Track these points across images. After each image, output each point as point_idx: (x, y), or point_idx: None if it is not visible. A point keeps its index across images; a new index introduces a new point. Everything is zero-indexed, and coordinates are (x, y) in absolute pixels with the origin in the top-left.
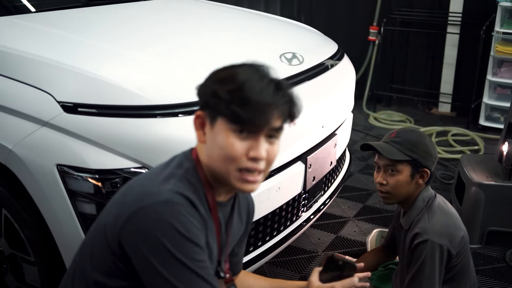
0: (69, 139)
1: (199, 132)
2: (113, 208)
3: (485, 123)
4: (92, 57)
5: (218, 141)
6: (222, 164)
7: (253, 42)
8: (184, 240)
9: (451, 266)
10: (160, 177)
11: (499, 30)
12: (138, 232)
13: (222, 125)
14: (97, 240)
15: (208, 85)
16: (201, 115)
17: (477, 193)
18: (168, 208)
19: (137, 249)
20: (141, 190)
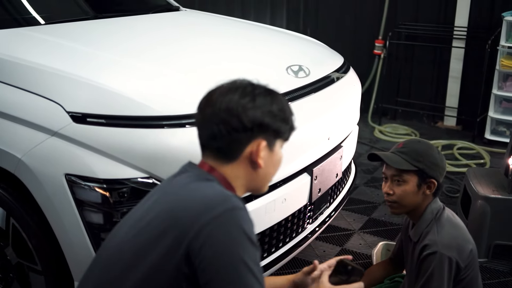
0: (77, 149)
1: (260, 159)
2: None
3: (491, 137)
4: (101, 68)
5: (276, 158)
6: (274, 175)
7: (260, 55)
8: (250, 245)
9: (459, 279)
10: (206, 186)
11: (504, 44)
12: (212, 241)
13: (278, 145)
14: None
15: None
16: (264, 144)
17: (483, 207)
18: (237, 214)
19: (210, 258)
20: (201, 200)
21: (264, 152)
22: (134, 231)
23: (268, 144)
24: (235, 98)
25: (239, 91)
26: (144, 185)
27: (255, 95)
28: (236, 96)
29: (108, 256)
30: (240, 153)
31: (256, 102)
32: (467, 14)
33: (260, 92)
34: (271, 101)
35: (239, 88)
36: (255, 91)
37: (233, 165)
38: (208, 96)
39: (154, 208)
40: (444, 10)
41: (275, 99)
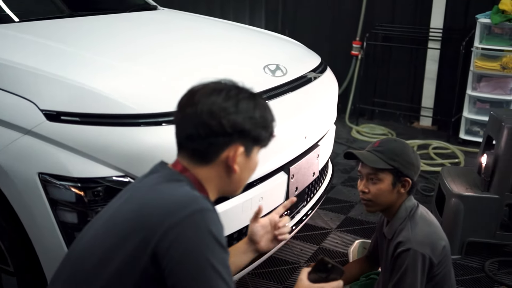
0: (51, 147)
1: (236, 165)
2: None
3: (465, 136)
4: (76, 66)
5: (252, 164)
6: (247, 180)
7: (237, 54)
8: (219, 248)
9: (432, 275)
10: (175, 187)
11: (478, 46)
12: (178, 243)
13: (255, 151)
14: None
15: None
16: (241, 149)
17: (457, 205)
18: (205, 216)
19: (176, 259)
20: (169, 201)
21: (240, 158)
22: (103, 231)
23: (245, 150)
24: (218, 101)
25: (223, 93)
26: (120, 184)
27: (239, 100)
28: (220, 99)
29: (77, 257)
30: (216, 157)
31: (239, 107)
32: (442, 16)
33: (244, 97)
34: (254, 107)
35: (223, 90)
36: (239, 95)
37: (208, 168)
38: (190, 95)
39: (122, 208)
40: (420, 11)
41: (258, 105)
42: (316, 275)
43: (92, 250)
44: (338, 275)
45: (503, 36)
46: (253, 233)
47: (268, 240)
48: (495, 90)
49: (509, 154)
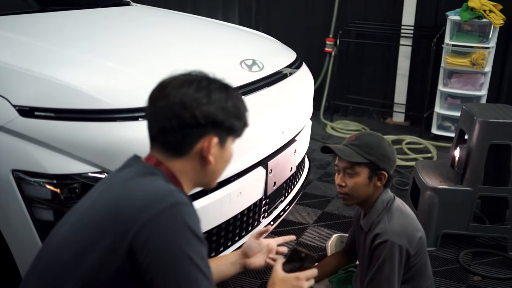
0: (25, 143)
1: (210, 156)
2: (104, 228)
3: (437, 131)
4: (48, 61)
5: (227, 155)
6: (223, 171)
7: (214, 49)
8: (196, 240)
9: (409, 266)
10: (148, 181)
11: (448, 42)
12: (155, 238)
13: (230, 142)
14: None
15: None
16: (215, 140)
17: (431, 197)
18: (180, 209)
19: (153, 254)
20: (143, 196)
21: (215, 149)
22: (78, 225)
23: (219, 140)
24: (189, 92)
25: (194, 84)
26: (96, 180)
27: (210, 90)
28: (191, 90)
29: (51, 251)
30: (190, 149)
31: (211, 98)
32: (413, 13)
33: (216, 87)
34: (226, 97)
35: (194, 81)
36: (210, 85)
37: (182, 160)
38: (161, 88)
39: (96, 204)
40: (391, 9)
41: (230, 95)
42: (291, 265)
43: (67, 244)
44: (312, 264)
45: (472, 33)
46: (250, 247)
47: (260, 260)
48: (466, 86)
49: (481, 147)
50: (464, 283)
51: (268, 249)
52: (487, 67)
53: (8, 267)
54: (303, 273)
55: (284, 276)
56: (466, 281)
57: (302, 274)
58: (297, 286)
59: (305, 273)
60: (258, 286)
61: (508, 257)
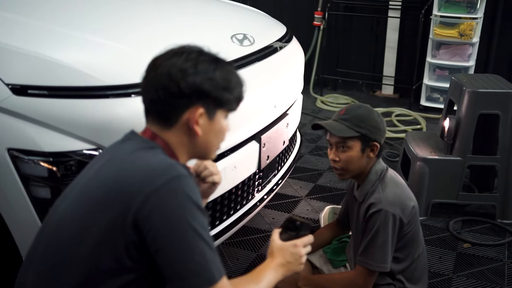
0: (20, 122)
1: (198, 127)
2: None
3: (426, 103)
4: (40, 38)
5: (217, 128)
6: (217, 144)
7: (205, 24)
8: (197, 210)
9: (402, 235)
10: (150, 155)
11: (437, 14)
12: (159, 210)
13: (220, 115)
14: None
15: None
16: (201, 111)
17: (421, 168)
18: (182, 181)
19: (157, 226)
20: (146, 169)
21: (202, 120)
22: (78, 203)
23: (207, 112)
24: (178, 63)
25: (184, 56)
26: (91, 157)
27: (198, 61)
28: (179, 61)
29: (54, 226)
30: (177, 119)
31: (197, 68)
32: None
33: (205, 59)
34: (214, 69)
35: (185, 53)
36: (199, 57)
37: (173, 131)
38: (154, 61)
39: (96, 179)
40: None
41: (220, 67)
42: (287, 234)
43: (70, 218)
44: (308, 231)
45: (460, 3)
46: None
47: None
48: (454, 57)
49: (470, 117)
50: (455, 250)
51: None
52: (475, 37)
53: (7, 246)
54: (300, 240)
55: (282, 244)
56: (456, 248)
57: (299, 241)
58: (295, 253)
59: (302, 240)
60: (253, 258)
61: (496, 224)
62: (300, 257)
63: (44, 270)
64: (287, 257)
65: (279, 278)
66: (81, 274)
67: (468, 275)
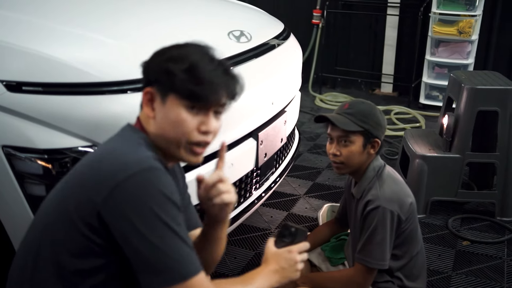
0: (14, 119)
1: (148, 108)
2: (84, 185)
3: (425, 101)
4: (35, 34)
5: (171, 116)
6: (174, 138)
7: (201, 20)
8: (169, 204)
9: (400, 232)
10: (129, 147)
11: (436, 11)
12: (125, 200)
13: (174, 102)
14: (62, 223)
15: (160, 63)
16: (150, 91)
17: (420, 165)
18: (153, 174)
19: (123, 217)
20: (119, 160)
21: (157, 104)
22: (58, 191)
23: (160, 94)
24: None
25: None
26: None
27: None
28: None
29: (36, 220)
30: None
31: (158, 50)
32: None
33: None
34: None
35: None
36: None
37: (141, 113)
38: None
39: (78, 166)
40: None
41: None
42: (282, 242)
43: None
44: (303, 237)
45: (459, 1)
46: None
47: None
48: (453, 55)
49: (469, 114)
50: (454, 248)
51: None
52: (474, 35)
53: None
54: (295, 246)
55: (276, 250)
56: (455, 246)
57: (295, 247)
58: (290, 258)
59: (297, 246)
60: (251, 257)
61: (495, 222)
62: (295, 263)
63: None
64: (281, 263)
65: (273, 284)
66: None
67: (467, 273)
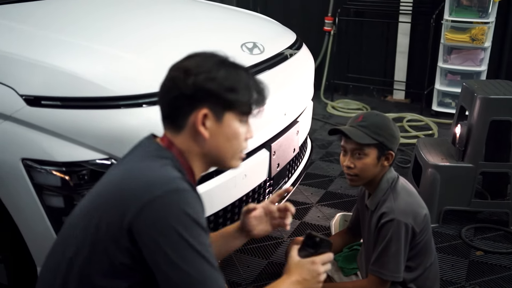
0: (33, 132)
1: (203, 128)
2: (113, 205)
3: (438, 108)
4: (53, 50)
5: (229, 133)
6: (232, 151)
7: (215, 33)
8: (195, 226)
9: (415, 244)
10: (156, 167)
11: (448, 18)
12: (153, 221)
13: (231, 118)
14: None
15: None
16: (206, 112)
17: (433, 174)
18: (180, 196)
19: (151, 238)
20: (147, 179)
21: (210, 123)
22: (86, 208)
23: (214, 114)
24: (183, 64)
25: (193, 58)
26: (104, 167)
27: (202, 62)
28: (186, 63)
29: (63, 236)
30: (185, 122)
31: (200, 68)
32: None
33: (211, 60)
34: (218, 69)
35: (196, 55)
36: (206, 58)
37: (183, 135)
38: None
39: (105, 184)
40: None
41: (226, 67)
42: (306, 251)
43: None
44: (328, 248)
45: (471, 8)
46: (246, 224)
47: (263, 228)
48: (466, 62)
49: (482, 123)
50: (467, 258)
51: (268, 213)
52: (487, 42)
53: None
54: (318, 257)
55: (299, 260)
56: (468, 256)
57: (318, 258)
58: (313, 270)
59: (321, 257)
60: (264, 265)
61: (509, 232)
62: (318, 275)
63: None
64: (304, 274)
65: None
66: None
67: (481, 284)
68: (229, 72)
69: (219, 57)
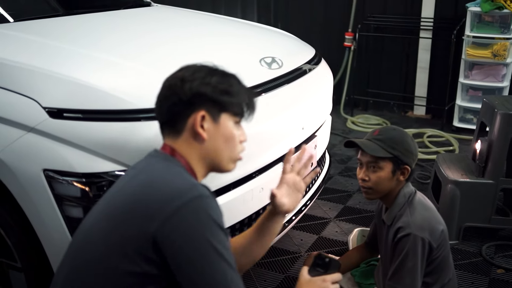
0: (55, 144)
1: (201, 130)
2: (134, 216)
3: (459, 124)
4: (76, 63)
5: (225, 134)
6: (229, 153)
7: (234, 48)
8: (220, 231)
9: (432, 259)
10: (173, 174)
11: (469, 34)
12: (182, 229)
13: (226, 119)
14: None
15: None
16: (204, 114)
17: (453, 190)
18: (205, 201)
19: (179, 245)
20: (171, 188)
21: (208, 124)
22: (102, 220)
23: (210, 115)
24: (179, 74)
25: (187, 69)
26: None
27: (196, 70)
28: (181, 73)
29: (77, 249)
30: (184, 125)
31: (194, 75)
32: (433, 5)
33: (204, 69)
34: (211, 74)
35: (191, 67)
36: (200, 68)
37: (182, 139)
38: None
39: (120, 195)
40: (411, 1)
41: (217, 74)
42: (316, 271)
43: (91, 238)
44: (337, 269)
45: (493, 24)
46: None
47: (293, 199)
48: (487, 78)
49: (503, 140)
50: (487, 276)
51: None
52: (509, 58)
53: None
54: (329, 276)
55: (311, 279)
56: (489, 274)
57: (328, 276)
58: (324, 287)
59: (331, 276)
60: (281, 280)
61: None
62: None
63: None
64: None
65: None
66: None
67: None
68: (221, 77)
69: (210, 67)
